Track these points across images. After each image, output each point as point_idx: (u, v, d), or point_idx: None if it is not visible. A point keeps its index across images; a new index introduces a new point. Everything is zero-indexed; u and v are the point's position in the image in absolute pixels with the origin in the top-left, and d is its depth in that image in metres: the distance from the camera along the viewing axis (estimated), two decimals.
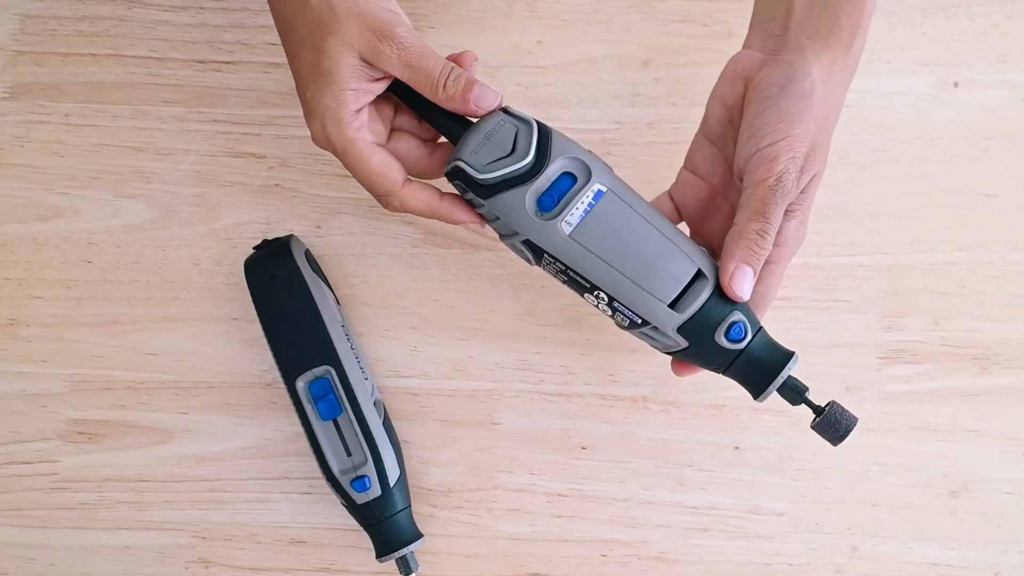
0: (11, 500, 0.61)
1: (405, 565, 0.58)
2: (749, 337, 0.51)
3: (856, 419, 0.52)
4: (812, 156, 0.51)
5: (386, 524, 0.57)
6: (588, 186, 0.51)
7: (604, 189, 0.51)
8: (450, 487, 0.61)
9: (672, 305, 0.50)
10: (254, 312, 0.59)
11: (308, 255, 0.61)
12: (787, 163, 0.50)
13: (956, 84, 0.63)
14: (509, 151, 0.51)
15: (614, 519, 0.61)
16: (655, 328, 0.51)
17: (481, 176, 0.51)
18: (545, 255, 0.51)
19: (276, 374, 0.59)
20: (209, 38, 0.64)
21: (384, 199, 0.54)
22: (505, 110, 0.52)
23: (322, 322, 0.58)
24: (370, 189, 0.54)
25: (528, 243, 0.51)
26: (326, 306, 0.59)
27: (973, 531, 0.61)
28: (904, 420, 0.61)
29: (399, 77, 0.52)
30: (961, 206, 0.62)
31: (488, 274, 0.62)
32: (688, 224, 0.57)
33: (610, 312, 0.52)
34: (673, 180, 0.57)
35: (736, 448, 0.61)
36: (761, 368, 0.51)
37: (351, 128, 0.52)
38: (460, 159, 0.51)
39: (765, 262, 0.52)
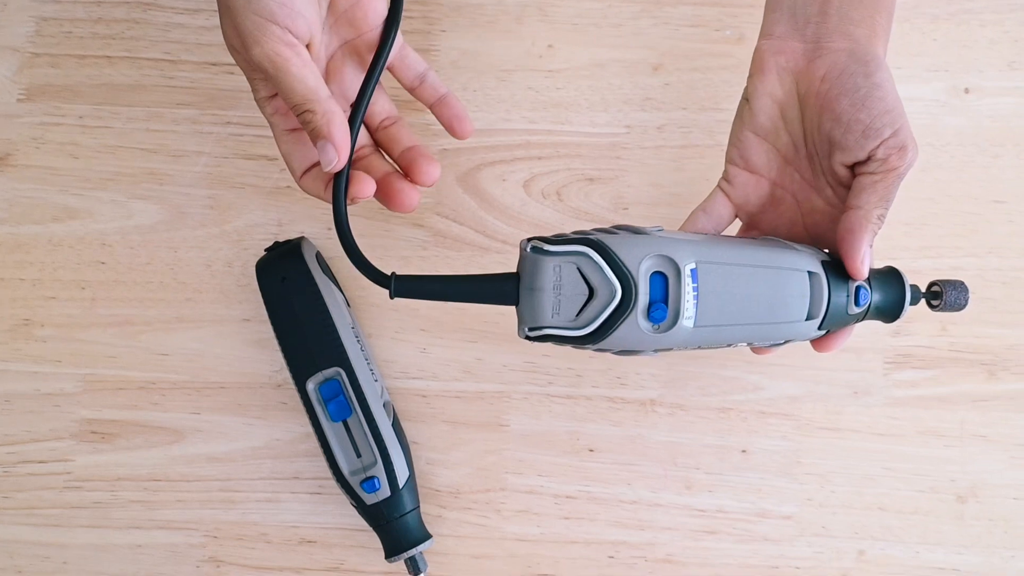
0: (25, 499, 0.62)
1: (414, 565, 0.58)
2: (870, 291, 0.51)
3: (966, 288, 0.52)
4: None
5: (395, 525, 0.58)
6: (682, 274, 0.48)
7: (695, 265, 0.48)
8: (458, 488, 0.61)
9: (806, 317, 0.50)
10: (265, 314, 0.60)
11: (319, 257, 0.61)
12: (914, 151, 0.50)
13: (967, 90, 0.63)
14: (588, 293, 0.47)
15: (622, 521, 0.61)
16: (795, 339, 0.51)
17: (581, 331, 0.48)
18: (675, 348, 0.50)
19: (287, 375, 0.60)
20: (222, 41, 0.64)
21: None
22: (540, 246, 0.48)
23: (332, 324, 0.59)
24: None
25: (656, 351, 0.49)
26: (336, 308, 0.59)
27: (980, 536, 0.61)
28: (912, 425, 0.61)
29: None
30: (971, 212, 0.62)
31: None
32: (744, 220, 0.56)
33: (748, 348, 0.53)
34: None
35: (743, 451, 0.61)
36: (888, 304, 0.52)
37: (266, 114, 0.55)
38: (543, 327, 0.48)
39: None
